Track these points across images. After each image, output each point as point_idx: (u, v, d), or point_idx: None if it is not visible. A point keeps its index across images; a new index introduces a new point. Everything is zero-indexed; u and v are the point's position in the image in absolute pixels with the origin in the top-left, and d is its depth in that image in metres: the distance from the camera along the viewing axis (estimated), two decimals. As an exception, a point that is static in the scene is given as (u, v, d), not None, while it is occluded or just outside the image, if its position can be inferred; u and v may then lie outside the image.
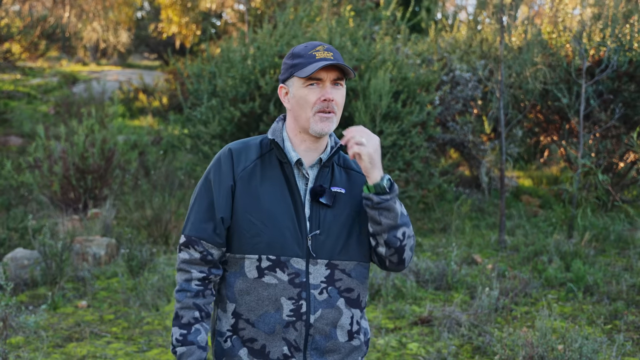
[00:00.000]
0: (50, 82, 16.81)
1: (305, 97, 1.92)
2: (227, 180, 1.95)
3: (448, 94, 9.20)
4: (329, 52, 1.93)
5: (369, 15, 11.14)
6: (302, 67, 1.91)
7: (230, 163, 1.97)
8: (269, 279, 1.92)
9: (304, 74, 1.89)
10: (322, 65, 1.87)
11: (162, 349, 4.37)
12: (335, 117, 1.94)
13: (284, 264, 1.92)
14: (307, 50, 1.93)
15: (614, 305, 5.14)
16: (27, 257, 5.72)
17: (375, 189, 1.92)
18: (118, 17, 18.19)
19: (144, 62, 23.40)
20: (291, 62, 1.95)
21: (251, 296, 1.93)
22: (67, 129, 8.92)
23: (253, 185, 1.95)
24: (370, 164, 1.91)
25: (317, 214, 1.95)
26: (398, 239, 1.96)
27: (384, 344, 4.47)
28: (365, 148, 1.89)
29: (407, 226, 1.98)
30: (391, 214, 1.93)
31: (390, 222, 1.94)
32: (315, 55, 1.92)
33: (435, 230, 7.69)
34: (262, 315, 1.93)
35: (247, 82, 7.78)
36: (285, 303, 1.91)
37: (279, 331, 1.92)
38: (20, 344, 4.39)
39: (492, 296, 4.98)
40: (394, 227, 1.95)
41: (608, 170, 8.65)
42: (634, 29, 7.87)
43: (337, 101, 1.94)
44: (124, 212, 7.69)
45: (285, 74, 1.98)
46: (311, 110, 1.92)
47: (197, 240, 1.94)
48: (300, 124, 1.96)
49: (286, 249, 1.92)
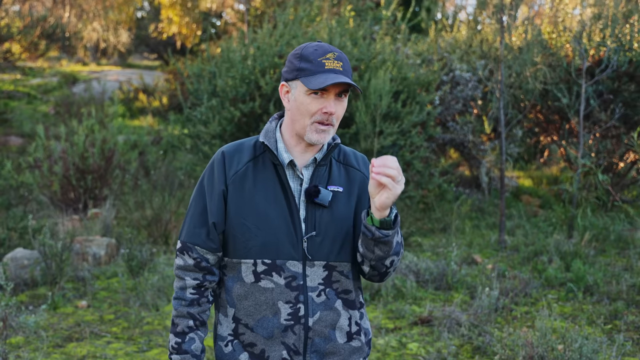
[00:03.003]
0: (50, 82, 16.82)
1: (306, 106, 1.87)
2: (219, 185, 1.93)
3: (448, 94, 9.20)
4: (339, 62, 1.87)
5: (369, 15, 11.14)
6: (310, 74, 1.85)
7: (223, 167, 1.94)
8: (265, 283, 1.90)
9: (312, 86, 1.83)
10: (332, 82, 1.82)
11: (162, 349, 4.37)
12: (333, 128, 1.90)
13: (279, 268, 1.90)
14: (317, 56, 1.86)
15: (614, 305, 5.14)
16: (27, 257, 5.72)
17: (380, 224, 1.84)
18: (118, 17, 18.20)
19: (144, 62, 23.40)
20: (298, 65, 1.88)
21: (249, 301, 1.92)
22: (67, 129, 8.92)
23: (246, 189, 1.92)
24: (391, 202, 1.79)
25: (313, 215, 1.92)
26: (385, 265, 1.93)
27: (384, 344, 4.47)
28: (399, 188, 1.75)
29: (397, 255, 1.93)
30: (386, 247, 1.88)
31: (383, 254, 1.89)
32: (325, 64, 1.85)
33: (435, 230, 7.69)
34: (260, 320, 1.92)
35: (247, 82, 7.78)
36: (283, 307, 1.90)
37: (278, 335, 1.91)
38: (20, 344, 4.39)
39: (492, 296, 4.98)
40: (383, 258, 1.91)
41: (608, 170, 8.66)
42: (634, 29, 7.87)
43: (338, 114, 1.90)
44: (124, 212, 7.69)
45: (290, 74, 1.90)
46: (310, 119, 1.88)
47: (191, 246, 1.94)
48: (296, 128, 1.92)
49: (281, 252, 1.89)
